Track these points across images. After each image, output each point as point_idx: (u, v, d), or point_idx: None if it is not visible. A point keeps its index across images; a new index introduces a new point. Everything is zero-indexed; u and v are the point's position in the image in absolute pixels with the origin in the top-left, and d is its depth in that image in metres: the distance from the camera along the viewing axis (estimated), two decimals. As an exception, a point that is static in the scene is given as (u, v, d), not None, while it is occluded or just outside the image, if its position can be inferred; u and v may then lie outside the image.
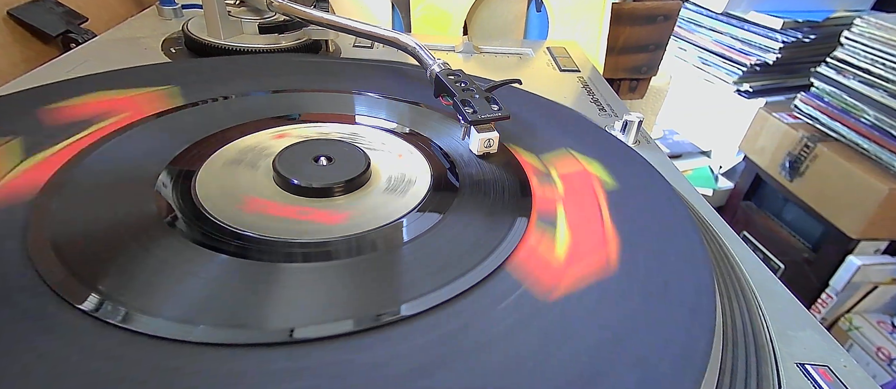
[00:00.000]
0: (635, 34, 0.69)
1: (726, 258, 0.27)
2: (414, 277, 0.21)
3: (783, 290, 0.26)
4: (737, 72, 1.11)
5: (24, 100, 0.31)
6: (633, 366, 0.18)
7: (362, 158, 0.28)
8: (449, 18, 0.60)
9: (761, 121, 1.05)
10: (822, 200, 0.94)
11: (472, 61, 0.52)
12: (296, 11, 0.43)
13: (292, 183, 0.26)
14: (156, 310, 0.18)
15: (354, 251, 0.23)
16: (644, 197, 0.28)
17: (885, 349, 0.89)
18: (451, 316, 0.19)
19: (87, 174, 0.25)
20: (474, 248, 0.23)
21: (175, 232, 0.22)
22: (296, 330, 0.18)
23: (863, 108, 0.88)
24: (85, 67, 0.40)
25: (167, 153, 0.28)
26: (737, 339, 0.21)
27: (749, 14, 1.08)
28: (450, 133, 0.33)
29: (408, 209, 0.26)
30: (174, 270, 0.20)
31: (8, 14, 0.45)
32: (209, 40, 0.44)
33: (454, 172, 0.29)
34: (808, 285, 0.97)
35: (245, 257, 0.21)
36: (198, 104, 0.33)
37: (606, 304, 0.20)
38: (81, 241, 0.21)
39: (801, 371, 0.21)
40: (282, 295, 0.20)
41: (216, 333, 0.17)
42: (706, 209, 0.32)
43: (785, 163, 0.99)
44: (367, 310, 0.19)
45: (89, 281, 0.19)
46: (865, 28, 0.88)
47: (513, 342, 0.18)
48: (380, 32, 0.40)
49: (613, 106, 0.45)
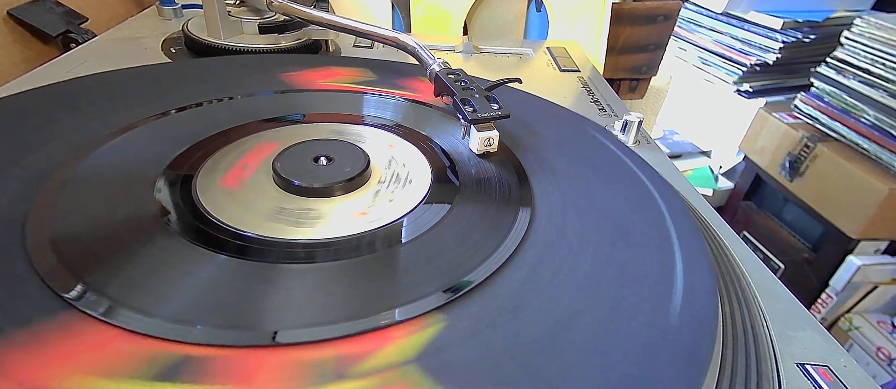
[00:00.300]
0: (635, 34, 0.69)
1: (726, 258, 0.27)
2: (416, 276, 0.21)
3: (783, 290, 0.26)
4: (737, 72, 1.11)
5: (24, 99, 0.31)
6: (632, 366, 0.18)
7: (362, 157, 0.28)
8: (449, 18, 0.60)
9: (761, 121, 1.05)
10: (822, 200, 0.93)
11: (472, 61, 0.52)
12: (296, 11, 0.43)
13: (293, 183, 0.26)
14: (154, 309, 0.18)
15: (356, 251, 0.23)
16: (644, 196, 0.28)
17: (885, 349, 0.89)
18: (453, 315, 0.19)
19: (88, 174, 0.25)
20: (476, 247, 0.23)
21: (175, 232, 0.22)
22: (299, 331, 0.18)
23: (863, 108, 0.88)
24: (85, 67, 0.40)
25: (167, 153, 0.28)
26: (737, 339, 0.21)
27: (749, 14, 1.08)
28: (451, 132, 0.33)
29: (408, 208, 0.26)
30: (173, 270, 0.20)
31: (8, 14, 0.45)
32: (209, 40, 0.44)
33: (454, 171, 0.29)
34: (808, 285, 0.97)
35: (245, 257, 0.21)
36: (198, 104, 0.33)
37: (606, 304, 0.20)
38: (81, 241, 0.21)
39: (801, 371, 0.21)
40: (282, 295, 0.20)
41: (215, 334, 0.17)
42: (706, 209, 0.32)
43: (785, 163, 0.99)
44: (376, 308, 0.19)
45: (89, 281, 0.19)
46: (865, 28, 0.88)
47: (511, 338, 0.18)
48: (380, 32, 0.40)
49: (613, 106, 0.45)
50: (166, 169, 0.26)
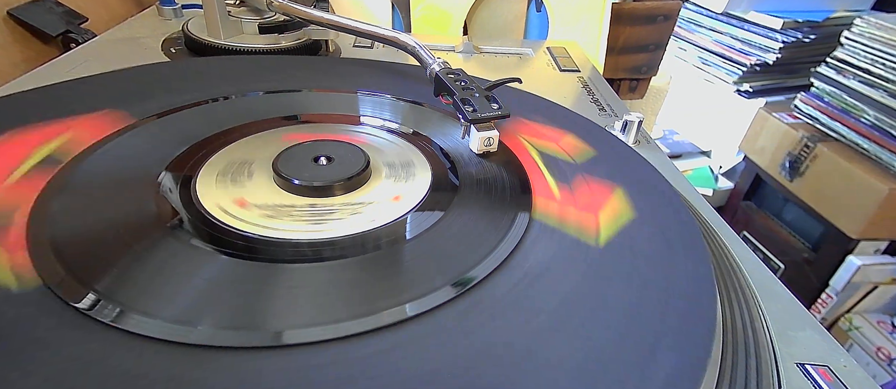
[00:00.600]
0: (635, 34, 0.69)
1: (726, 258, 0.27)
2: (419, 274, 0.21)
3: (783, 290, 0.26)
4: (737, 72, 1.11)
5: (24, 99, 0.31)
6: (632, 366, 0.18)
7: (361, 157, 0.28)
8: (449, 18, 0.60)
9: (761, 121, 1.05)
10: (822, 200, 0.94)
11: (472, 61, 0.52)
12: (296, 11, 0.43)
13: (293, 183, 0.26)
14: (155, 311, 0.18)
15: (358, 250, 0.23)
16: (644, 196, 0.28)
17: (885, 349, 0.89)
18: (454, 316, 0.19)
19: (88, 174, 0.25)
20: (476, 246, 0.23)
21: (175, 232, 0.22)
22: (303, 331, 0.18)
23: (863, 108, 0.88)
24: (85, 67, 0.40)
25: (167, 154, 0.28)
26: (737, 339, 0.21)
27: (749, 14, 1.08)
28: (451, 132, 0.33)
29: (408, 208, 0.26)
30: (174, 271, 0.20)
31: (8, 14, 0.45)
32: (209, 40, 0.44)
33: (454, 171, 0.29)
34: (808, 285, 0.97)
35: (245, 257, 0.21)
36: (198, 104, 0.33)
37: (606, 304, 0.20)
38: (81, 241, 0.21)
39: (801, 371, 0.21)
40: (282, 295, 0.20)
41: (217, 335, 0.17)
42: (706, 209, 0.32)
43: (785, 163, 0.99)
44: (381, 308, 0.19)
45: (88, 281, 0.19)
46: (865, 28, 0.88)
47: (511, 338, 0.18)
48: (380, 32, 0.40)
49: (613, 106, 0.45)
50: (166, 168, 0.26)
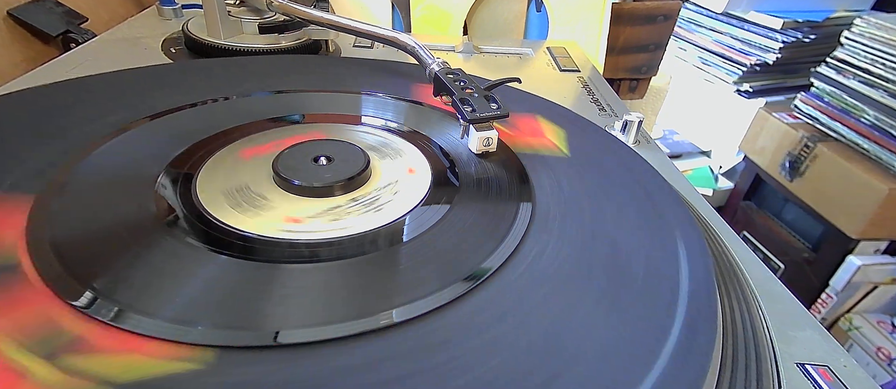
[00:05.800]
0: (635, 34, 0.69)
1: (726, 258, 0.27)
2: (418, 276, 0.21)
3: (783, 290, 0.26)
4: (737, 72, 1.11)
5: (24, 99, 0.31)
6: (632, 366, 0.18)
7: (361, 157, 0.28)
8: (449, 18, 0.60)
9: (761, 121, 1.05)
10: (822, 200, 0.93)
11: (472, 61, 0.52)
12: (296, 11, 0.43)
13: (293, 183, 0.26)
14: (154, 310, 0.18)
15: (358, 250, 0.23)
16: (643, 197, 0.28)
17: (885, 349, 0.89)
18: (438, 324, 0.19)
19: (88, 174, 0.25)
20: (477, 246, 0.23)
21: (175, 232, 0.22)
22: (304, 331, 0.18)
23: (863, 108, 0.88)
24: (85, 67, 0.40)
25: (167, 154, 0.28)
26: (737, 339, 0.21)
27: (749, 14, 1.08)
28: (450, 131, 0.33)
29: (408, 208, 0.26)
30: (174, 271, 0.20)
31: (8, 14, 0.45)
32: (209, 40, 0.44)
33: (454, 171, 0.29)
34: (808, 285, 0.97)
35: (246, 257, 0.21)
36: (198, 104, 0.33)
37: (606, 304, 0.20)
38: (81, 241, 0.21)
39: (801, 371, 0.21)
40: (282, 295, 0.20)
41: (215, 334, 0.17)
42: (706, 209, 0.32)
43: (785, 163, 0.99)
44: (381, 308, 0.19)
45: (87, 280, 0.19)
46: (865, 28, 0.88)
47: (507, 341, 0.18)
48: (380, 32, 0.40)
49: (613, 106, 0.45)
50: (167, 168, 0.26)
